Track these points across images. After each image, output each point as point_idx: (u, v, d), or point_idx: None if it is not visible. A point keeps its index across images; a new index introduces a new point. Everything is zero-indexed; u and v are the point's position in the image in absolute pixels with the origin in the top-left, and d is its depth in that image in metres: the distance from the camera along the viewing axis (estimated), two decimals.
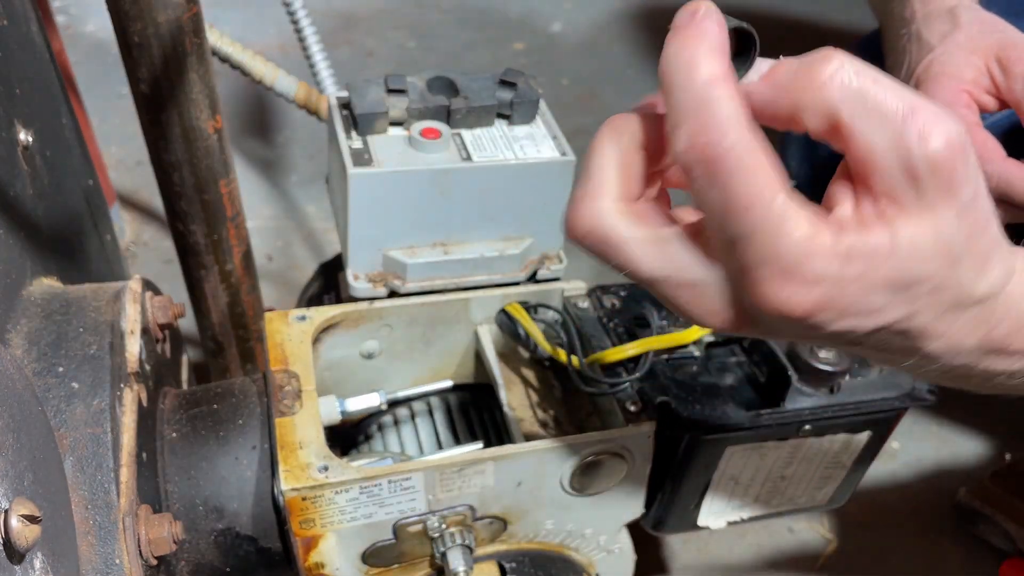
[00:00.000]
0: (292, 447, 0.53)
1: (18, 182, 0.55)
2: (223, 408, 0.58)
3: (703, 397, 0.60)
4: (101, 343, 0.50)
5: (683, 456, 0.60)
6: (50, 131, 0.64)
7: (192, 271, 0.85)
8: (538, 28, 2.15)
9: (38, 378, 0.47)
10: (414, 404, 0.72)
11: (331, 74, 1.06)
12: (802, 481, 0.66)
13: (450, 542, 0.57)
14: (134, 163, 1.56)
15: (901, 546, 1.07)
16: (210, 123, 0.73)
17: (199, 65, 0.70)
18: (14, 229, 0.53)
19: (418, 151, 0.63)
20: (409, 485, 0.54)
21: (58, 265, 0.60)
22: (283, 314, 0.62)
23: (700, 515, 0.66)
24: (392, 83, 0.65)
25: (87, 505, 0.44)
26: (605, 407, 0.63)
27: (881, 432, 0.64)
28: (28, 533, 0.33)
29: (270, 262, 1.40)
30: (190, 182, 0.76)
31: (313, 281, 0.89)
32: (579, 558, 0.66)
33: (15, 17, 0.60)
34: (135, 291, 0.55)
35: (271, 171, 1.60)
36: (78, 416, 0.46)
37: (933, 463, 1.17)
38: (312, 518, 0.53)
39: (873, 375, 0.62)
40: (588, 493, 0.60)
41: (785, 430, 0.60)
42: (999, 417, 1.23)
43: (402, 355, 0.69)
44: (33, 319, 0.51)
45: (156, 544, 0.47)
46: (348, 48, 1.99)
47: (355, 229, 0.63)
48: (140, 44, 0.66)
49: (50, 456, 0.41)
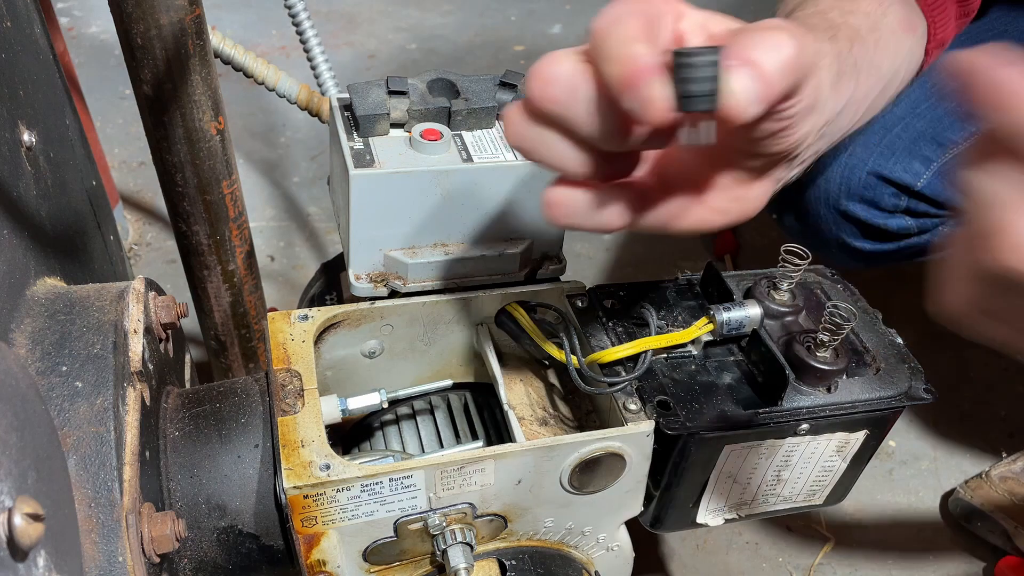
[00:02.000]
0: (294, 446, 0.54)
1: (22, 183, 0.55)
2: (226, 407, 0.58)
3: (701, 396, 0.61)
4: (104, 342, 0.50)
5: (681, 455, 0.60)
6: (53, 132, 0.65)
7: (195, 271, 0.85)
8: (538, 30, 2.16)
9: (42, 377, 0.48)
10: (415, 403, 0.72)
11: (332, 76, 1.07)
12: (799, 480, 0.67)
13: (451, 540, 0.58)
14: (137, 164, 1.57)
15: (898, 545, 1.07)
16: (212, 124, 0.73)
17: (202, 67, 0.70)
18: (18, 229, 0.53)
19: (419, 152, 0.63)
20: (410, 483, 0.54)
21: (62, 265, 0.60)
22: (285, 314, 0.63)
23: (698, 513, 0.66)
24: (393, 85, 0.65)
25: (90, 503, 0.45)
26: (604, 406, 0.63)
27: (878, 431, 0.64)
28: (31, 531, 0.33)
29: (272, 262, 1.40)
30: (193, 183, 0.76)
31: (315, 281, 0.89)
32: (578, 556, 0.66)
33: (19, 19, 0.60)
34: (138, 291, 0.56)
35: (273, 172, 1.60)
36: (81, 415, 0.47)
37: (930, 462, 1.18)
38: (314, 516, 0.54)
39: (870, 374, 0.63)
40: (587, 491, 0.61)
41: (783, 429, 0.60)
42: (996, 416, 1.23)
43: (403, 354, 0.69)
44: (37, 319, 0.52)
45: (159, 542, 0.47)
46: (349, 50, 2.00)
47: (356, 229, 0.63)
48: (143, 46, 0.67)
49: (53, 454, 0.41)
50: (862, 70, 0.58)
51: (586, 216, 0.43)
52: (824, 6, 0.62)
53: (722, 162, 0.47)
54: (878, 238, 0.96)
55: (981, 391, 1.27)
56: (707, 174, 0.47)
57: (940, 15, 0.70)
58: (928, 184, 0.90)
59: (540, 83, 0.40)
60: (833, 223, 0.97)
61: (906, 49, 0.66)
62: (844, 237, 0.97)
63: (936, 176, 0.90)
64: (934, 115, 0.91)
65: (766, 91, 0.37)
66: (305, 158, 1.64)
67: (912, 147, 0.91)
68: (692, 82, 0.36)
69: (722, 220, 0.49)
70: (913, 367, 0.64)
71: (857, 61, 0.57)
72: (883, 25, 0.63)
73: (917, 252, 0.99)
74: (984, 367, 1.31)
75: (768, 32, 0.38)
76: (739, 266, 1.50)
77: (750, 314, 0.62)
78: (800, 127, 0.44)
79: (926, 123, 0.91)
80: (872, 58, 0.60)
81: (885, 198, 0.92)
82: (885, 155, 0.91)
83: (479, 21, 2.16)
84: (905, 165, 0.91)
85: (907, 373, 0.63)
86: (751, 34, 0.38)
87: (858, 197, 0.93)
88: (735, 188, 0.48)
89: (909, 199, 0.92)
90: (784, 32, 0.38)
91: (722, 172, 0.47)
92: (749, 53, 0.37)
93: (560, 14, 2.22)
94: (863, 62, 0.58)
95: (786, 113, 0.42)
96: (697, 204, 0.47)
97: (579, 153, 0.41)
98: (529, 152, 0.42)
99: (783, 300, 0.65)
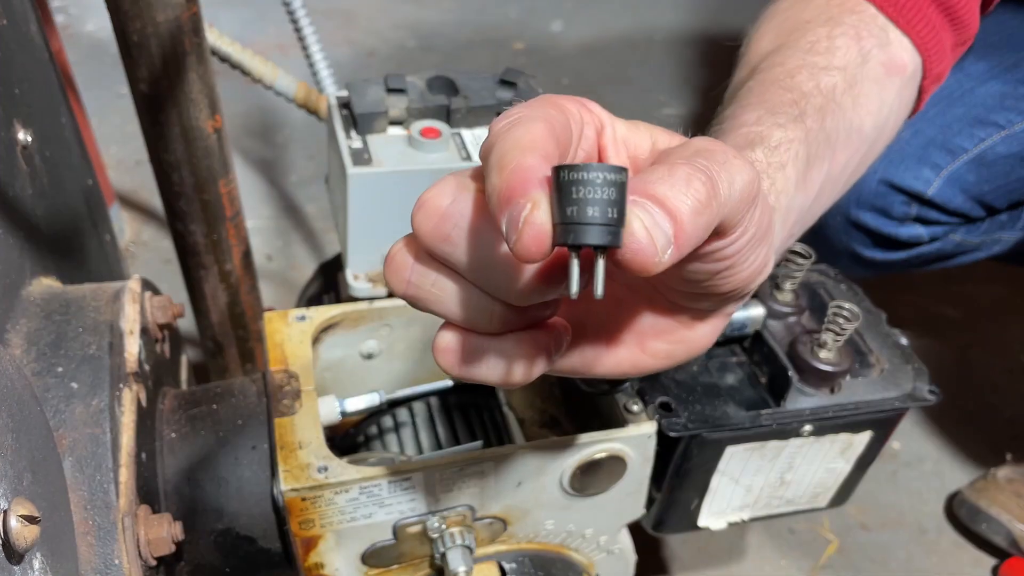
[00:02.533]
0: (291, 447, 0.53)
1: (17, 182, 0.55)
2: (222, 408, 0.57)
3: (704, 397, 0.60)
4: (100, 343, 0.50)
5: (683, 456, 0.59)
6: (49, 131, 0.64)
7: (191, 271, 0.84)
8: (538, 27, 2.15)
9: (37, 378, 0.47)
10: (414, 404, 0.72)
11: (331, 74, 1.06)
12: (803, 481, 0.66)
13: (450, 542, 0.57)
14: (133, 163, 1.56)
15: (902, 546, 1.07)
16: (209, 123, 0.73)
17: (198, 65, 0.70)
18: (13, 229, 0.53)
19: (418, 151, 0.63)
20: (409, 485, 0.54)
21: (57, 265, 0.60)
22: (283, 314, 0.62)
23: (700, 515, 0.66)
24: (392, 83, 0.65)
25: (86, 505, 0.44)
26: (605, 407, 0.63)
27: (882, 432, 0.63)
28: (27, 533, 0.33)
29: (269, 262, 1.40)
30: (189, 182, 0.76)
31: (313, 281, 0.89)
32: (579, 558, 0.66)
33: (14, 17, 0.60)
34: (134, 291, 0.55)
35: (270, 171, 1.60)
36: (77, 416, 0.46)
37: (934, 463, 1.17)
38: (311, 518, 0.53)
39: (874, 375, 0.62)
40: (588, 493, 0.60)
41: (786, 430, 0.60)
42: (1001, 417, 1.23)
43: (402, 355, 0.69)
44: (32, 319, 0.51)
45: (155, 544, 0.47)
46: (348, 47, 1.99)
47: (355, 229, 0.63)
48: (139, 44, 0.66)
49: (49, 456, 0.41)
50: (838, 142, 0.52)
51: (489, 368, 0.35)
52: (791, 65, 0.54)
53: (659, 304, 0.40)
54: (889, 247, 0.96)
55: (986, 392, 1.27)
56: (638, 315, 0.40)
57: (935, 48, 0.61)
58: (939, 191, 0.90)
59: (426, 215, 0.32)
60: (844, 232, 0.96)
61: (892, 95, 0.59)
62: (855, 247, 0.97)
63: (946, 183, 0.90)
64: (943, 121, 0.90)
65: (679, 235, 0.29)
66: (303, 157, 1.63)
67: (922, 154, 0.90)
68: (581, 204, 0.27)
69: (662, 365, 0.41)
70: (917, 368, 0.63)
71: (831, 135, 0.51)
72: (863, 76, 0.56)
73: (928, 260, 0.98)
74: (989, 368, 1.30)
75: (679, 168, 0.30)
76: None
77: (753, 314, 0.62)
78: (748, 261, 0.36)
79: (936, 129, 0.90)
80: (851, 121, 0.54)
81: (896, 206, 0.92)
82: (895, 162, 0.91)
83: (479, 18, 2.16)
84: (915, 172, 0.90)
85: (911, 374, 0.63)
86: (663, 167, 0.31)
87: (868, 205, 0.93)
88: (678, 329, 0.40)
89: (920, 207, 0.92)
90: (699, 171, 0.30)
91: (660, 315, 0.40)
92: (656, 189, 0.29)
93: (560, 11, 2.21)
94: (839, 132, 0.52)
95: (724, 252, 0.34)
96: (628, 348, 0.40)
97: (483, 302, 0.33)
98: (418, 301, 0.34)
99: (786, 300, 0.64)
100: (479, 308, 0.33)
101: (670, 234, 0.29)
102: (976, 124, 0.89)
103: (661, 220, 0.29)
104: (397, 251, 0.34)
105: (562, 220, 0.28)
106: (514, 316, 0.33)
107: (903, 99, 0.61)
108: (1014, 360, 1.31)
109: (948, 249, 0.96)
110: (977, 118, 0.89)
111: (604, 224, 0.27)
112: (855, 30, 0.57)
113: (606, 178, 0.27)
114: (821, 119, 0.51)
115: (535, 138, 0.29)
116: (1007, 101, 0.88)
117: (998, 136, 0.88)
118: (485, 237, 0.31)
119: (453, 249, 0.32)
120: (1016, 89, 0.88)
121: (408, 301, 0.35)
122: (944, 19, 0.61)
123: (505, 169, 0.28)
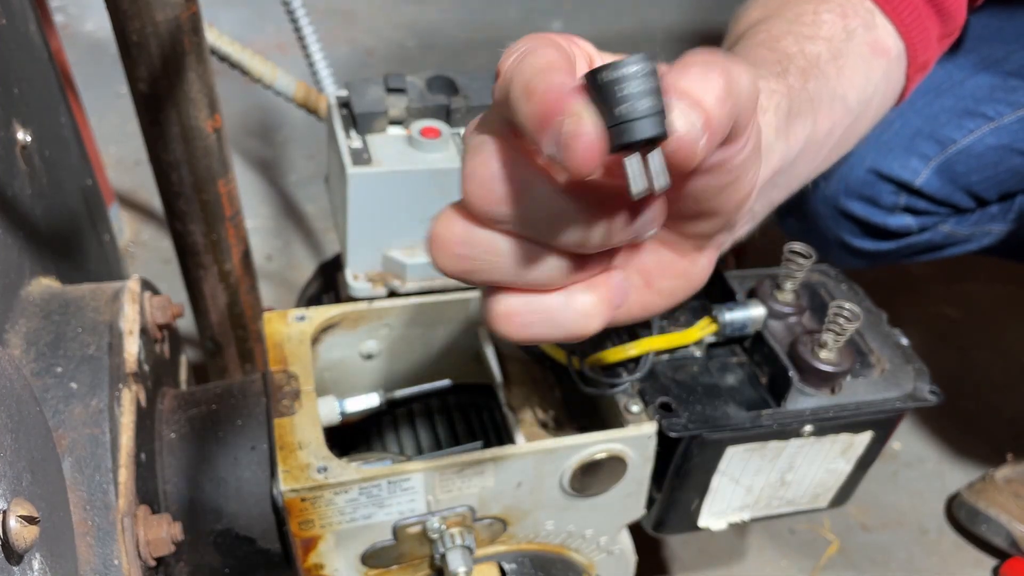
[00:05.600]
0: (291, 448, 0.53)
1: (16, 181, 0.55)
2: (222, 409, 0.57)
3: (704, 397, 0.60)
4: (99, 343, 0.50)
5: (684, 457, 0.59)
6: (48, 130, 0.64)
7: (191, 271, 0.84)
8: (538, 27, 2.15)
9: (36, 378, 0.47)
10: (413, 404, 0.72)
11: (330, 73, 1.06)
12: (803, 482, 0.66)
13: (450, 543, 0.57)
14: (133, 162, 1.56)
15: (902, 547, 1.07)
16: (209, 122, 0.73)
17: (198, 64, 0.70)
18: (12, 229, 0.53)
19: (417, 150, 0.62)
20: (408, 486, 0.54)
21: (56, 265, 0.60)
22: (282, 314, 0.62)
23: (701, 516, 0.66)
24: (391, 82, 0.65)
25: (85, 506, 0.44)
26: (605, 408, 0.63)
27: (883, 433, 0.63)
28: (26, 534, 0.33)
29: (269, 262, 1.40)
30: (189, 181, 0.76)
31: (312, 281, 0.89)
32: (580, 559, 0.66)
33: (13, 16, 0.60)
34: (133, 291, 0.55)
35: (270, 170, 1.60)
36: (76, 416, 0.46)
37: (935, 464, 1.17)
38: (311, 519, 0.53)
39: (875, 375, 0.62)
40: (588, 494, 0.60)
41: (786, 431, 0.60)
42: (1001, 418, 1.23)
43: (401, 355, 0.69)
44: (31, 319, 0.51)
45: (155, 545, 0.47)
46: (347, 47, 1.99)
47: (354, 229, 0.63)
48: (139, 43, 0.66)
49: (48, 457, 0.40)
50: (821, 106, 0.52)
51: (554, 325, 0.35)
52: (777, 32, 0.55)
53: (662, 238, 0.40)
54: (879, 236, 0.96)
55: (987, 393, 1.26)
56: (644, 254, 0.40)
57: (919, 35, 0.61)
58: (927, 181, 0.90)
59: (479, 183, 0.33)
60: (833, 222, 0.96)
61: (879, 74, 0.59)
62: (844, 236, 0.97)
63: (935, 173, 0.90)
64: (932, 112, 0.90)
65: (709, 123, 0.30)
66: (303, 156, 1.63)
67: (910, 144, 0.91)
68: (628, 101, 0.27)
69: (667, 303, 0.42)
70: (918, 368, 0.63)
71: (814, 97, 0.51)
72: (848, 50, 0.56)
73: (919, 251, 0.99)
74: (990, 369, 1.30)
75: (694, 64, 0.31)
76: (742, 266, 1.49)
77: (753, 314, 0.62)
78: (748, 176, 0.37)
79: (923, 120, 0.90)
80: (835, 90, 0.54)
81: (884, 195, 0.92)
82: (883, 152, 0.91)
83: (479, 18, 2.16)
84: (903, 162, 0.90)
85: (912, 374, 0.63)
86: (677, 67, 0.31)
87: (857, 195, 0.93)
88: (679, 263, 0.41)
89: (908, 196, 0.92)
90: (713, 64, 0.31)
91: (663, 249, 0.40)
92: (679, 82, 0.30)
93: (560, 11, 2.21)
94: (822, 97, 0.52)
95: (731, 163, 0.35)
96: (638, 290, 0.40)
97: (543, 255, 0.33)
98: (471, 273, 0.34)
99: (787, 300, 0.64)
100: (539, 263, 0.33)
101: (700, 124, 0.29)
102: (965, 115, 0.89)
103: (690, 110, 0.29)
104: (441, 229, 0.34)
105: (612, 123, 0.27)
106: (574, 266, 0.34)
107: (890, 81, 0.61)
108: (1015, 360, 1.31)
109: (938, 240, 0.97)
110: (966, 109, 0.89)
111: (655, 115, 0.27)
112: (841, 8, 0.58)
113: (645, 68, 0.27)
114: (804, 80, 0.51)
115: (551, 60, 0.30)
116: (996, 93, 0.88)
117: (987, 127, 0.88)
118: (533, 181, 0.32)
119: (507, 207, 0.32)
120: (1006, 81, 0.88)
121: (459, 276, 0.34)
122: (931, 9, 0.62)
123: (535, 93, 0.29)
